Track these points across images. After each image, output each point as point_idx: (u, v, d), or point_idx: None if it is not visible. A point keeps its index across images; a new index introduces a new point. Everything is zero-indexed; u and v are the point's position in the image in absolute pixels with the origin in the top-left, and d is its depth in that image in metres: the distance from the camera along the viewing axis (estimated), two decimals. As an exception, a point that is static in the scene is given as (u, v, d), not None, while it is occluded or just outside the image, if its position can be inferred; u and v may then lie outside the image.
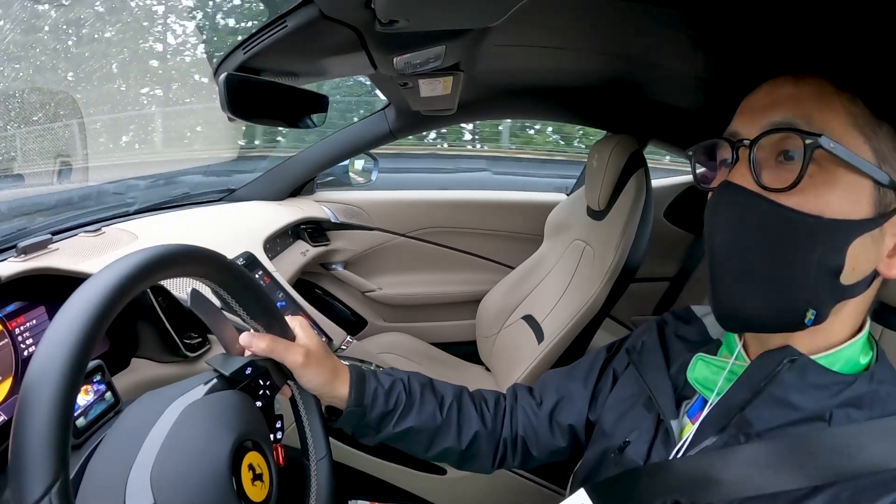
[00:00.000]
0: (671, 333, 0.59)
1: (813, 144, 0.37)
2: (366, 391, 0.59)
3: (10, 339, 0.63)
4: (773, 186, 0.39)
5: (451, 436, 0.62)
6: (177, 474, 0.38)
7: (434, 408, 0.62)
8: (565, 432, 0.65)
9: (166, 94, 2.47)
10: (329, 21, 0.57)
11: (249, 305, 0.51)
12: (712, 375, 0.49)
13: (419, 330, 1.76)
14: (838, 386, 0.41)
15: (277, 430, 0.55)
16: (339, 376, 0.58)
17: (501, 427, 0.66)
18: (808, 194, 0.39)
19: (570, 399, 0.65)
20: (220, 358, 0.51)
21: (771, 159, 0.41)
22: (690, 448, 0.47)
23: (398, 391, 0.61)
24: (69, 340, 0.31)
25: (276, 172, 1.63)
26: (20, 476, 0.28)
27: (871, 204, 0.39)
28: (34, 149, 1.24)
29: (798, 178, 0.38)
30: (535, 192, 1.89)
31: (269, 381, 0.53)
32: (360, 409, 0.58)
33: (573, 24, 0.73)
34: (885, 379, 0.42)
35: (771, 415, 0.43)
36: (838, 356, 0.43)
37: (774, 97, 0.42)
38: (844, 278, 0.40)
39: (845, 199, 0.39)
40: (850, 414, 0.40)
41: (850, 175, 0.38)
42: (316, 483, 0.55)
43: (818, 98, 0.40)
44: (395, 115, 1.46)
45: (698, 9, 0.58)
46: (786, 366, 0.43)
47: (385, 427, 0.60)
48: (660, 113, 1.16)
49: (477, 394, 0.68)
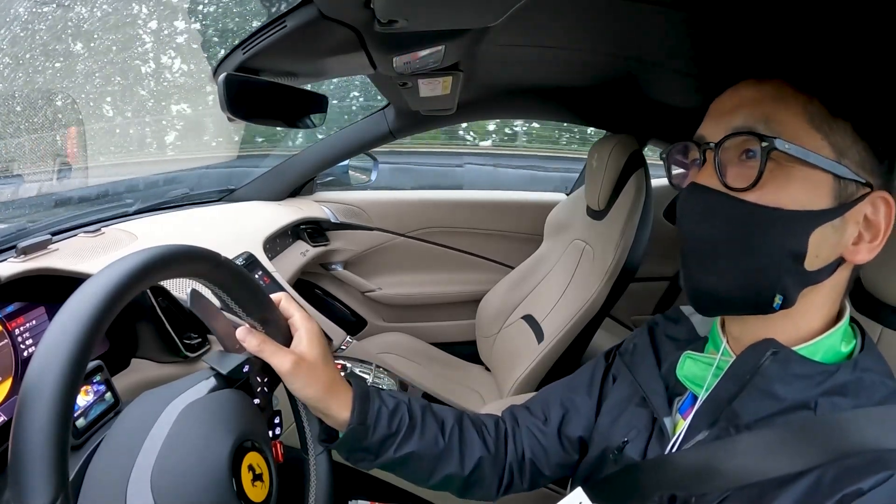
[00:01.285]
0: (661, 334, 0.61)
1: (769, 147, 0.41)
2: (370, 410, 0.55)
3: (9, 340, 0.63)
4: (736, 186, 0.43)
5: (453, 462, 0.60)
6: (177, 476, 0.38)
7: (436, 432, 0.59)
8: (575, 445, 0.64)
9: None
10: (328, 21, 0.57)
11: (245, 303, 0.50)
12: (700, 372, 0.50)
13: (419, 330, 1.76)
14: (821, 375, 0.43)
15: (276, 426, 0.54)
16: (336, 393, 0.54)
17: (505, 452, 0.64)
18: (768, 190, 0.42)
19: (576, 411, 0.64)
20: (217, 356, 0.51)
21: (735, 158, 0.44)
22: (684, 443, 0.48)
23: (402, 412, 0.58)
24: (69, 341, 0.31)
25: (276, 172, 1.63)
26: (20, 488, 0.28)
27: (830, 196, 0.42)
28: (34, 149, 1.24)
29: (757, 178, 0.42)
30: (535, 191, 1.89)
31: (267, 377, 0.53)
32: (364, 428, 0.54)
33: (572, 24, 0.73)
34: (868, 367, 0.43)
35: (758, 406, 0.44)
36: (819, 346, 0.45)
37: (738, 100, 0.45)
38: (808, 264, 0.43)
39: (804, 193, 0.42)
40: (835, 402, 0.42)
41: (808, 170, 0.41)
42: (315, 478, 0.54)
43: (777, 100, 0.43)
44: (394, 115, 1.46)
45: (698, 9, 0.59)
46: (769, 358, 0.44)
47: (386, 451, 0.56)
48: (660, 113, 1.16)
49: (476, 417, 0.66)
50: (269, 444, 0.47)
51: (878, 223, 0.43)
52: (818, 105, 0.42)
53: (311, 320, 0.55)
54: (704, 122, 0.48)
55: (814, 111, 0.42)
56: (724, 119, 0.45)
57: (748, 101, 0.44)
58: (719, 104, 0.47)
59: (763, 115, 0.43)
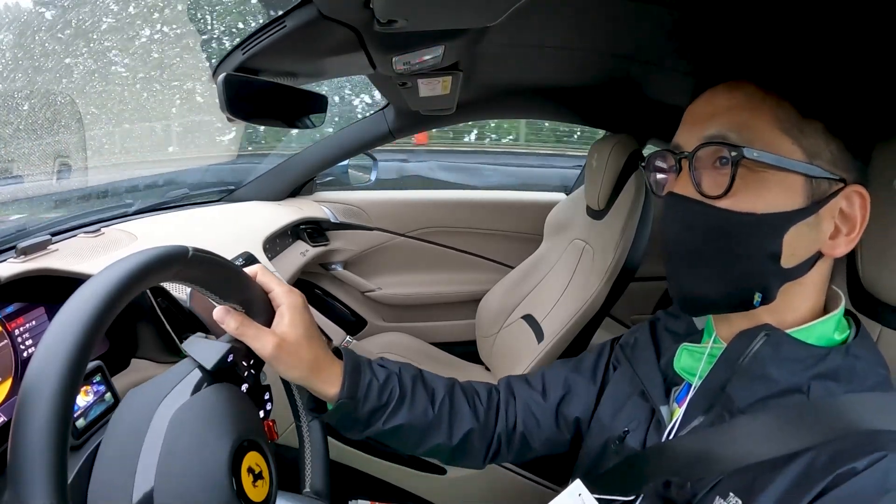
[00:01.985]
0: (662, 328, 0.62)
1: (738, 156, 0.42)
2: (360, 383, 0.56)
3: (9, 340, 0.63)
4: (710, 193, 0.44)
5: (441, 432, 0.61)
6: (179, 484, 0.38)
7: (426, 403, 0.60)
8: (570, 425, 0.65)
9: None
10: (328, 21, 0.57)
11: (220, 288, 0.46)
12: (695, 362, 0.52)
13: (419, 330, 1.76)
14: (812, 359, 0.44)
15: (266, 402, 0.52)
16: (321, 370, 0.54)
17: (495, 422, 0.65)
18: (741, 196, 0.43)
19: (576, 393, 0.66)
20: (199, 344, 0.48)
21: (710, 166, 0.45)
22: (680, 430, 0.50)
23: (392, 385, 0.58)
24: (68, 341, 0.31)
25: (276, 172, 1.63)
26: (20, 489, 0.28)
27: (803, 195, 0.43)
28: (34, 149, 1.24)
29: (728, 186, 0.43)
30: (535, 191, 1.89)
31: (252, 359, 0.51)
32: (353, 402, 0.55)
33: (572, 23, 0.73)
34: (861, 355, 0.44)
35: (751, 389, 0.45)
36: (811, 331, 0.46)
37: (711, 108, 0.46)
38: (785, 262, 0.44)
39: (776, 195, 0.43)
40: (827, 386, 0.43)
41: (779, 174, 0.43)
42: (309, 443, 0.54)
43: (748, 107, 0.44)
44: (394, 115, 1.46)
45: (698, 9, 0.59)
46: (762, 339, 0.45)
47: (375, 422, 0.57)
48: (659, 112, 1.16)
49: (468, 386, 0.66)
50: (266, 440, 0.47)
51: (854, 216, 0.44)
52: (788, 108, 0.43)
53: (292, 293, 0.53)
54: (680, 130, 0.49)
55: (783, 116, 0.43)
56: (698, 127, 0.46)
57: (721, 108, 0.45)
58: (693, 111, 0.48)
59: (735, 123, 0.44)
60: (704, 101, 0.48)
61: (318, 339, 0.54)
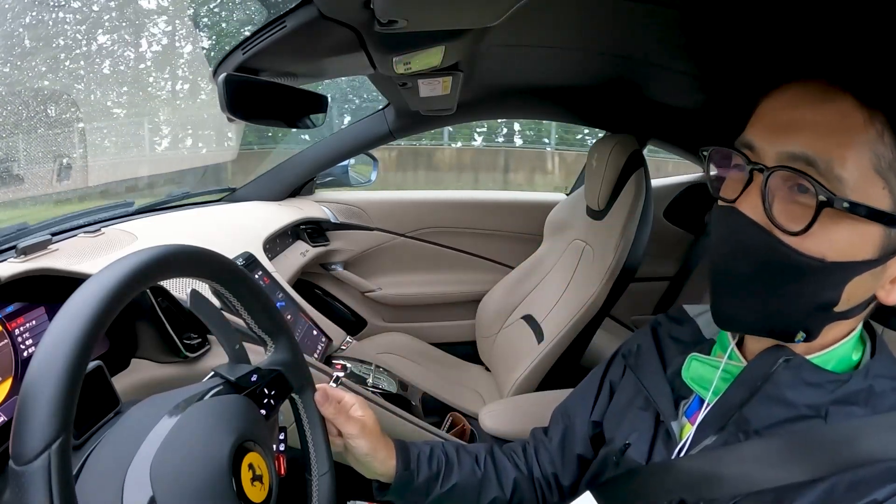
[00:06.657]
0: (665, 335, 0.60)
1: (826, 203, 0.37)
2: (410, 456, 0.62)
3: (9, 340, 0.63)
4: (781, 225, 0.39)
5: (493, 486, 0.64)
6: (176, 470, 0.37)
7: (471, 464, 0.65)
8: (575, 461, 0.65)
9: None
10: (328, 21, 0.57)
11: (256, 314, 0.51)
12: (707, 374, 0.50)
13: (419, 330, 1.76)
14: (832, 384, 0.42)
15: (280, 442, 0.56)
16: (385, 449, 0.61)
17: (531, 469, 0.67)
18: (815, 238, 0.38)
19: (572, 429, 0.66)
20: (227, 367, 0.51)
21: (784, 187, 0.40)
22: (692, 447, 0.48)
23: (438, 454, 0.64)
24: (69, 341, 0.31)
25: (276, 173, 1.63)
26: (22, 490, 0.28)
27: (877, 247, 0.39)
28: (34, 149, 1.24)
29: (807, 227, 0.38)
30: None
31: (275, 390, 0.53)
32: (409, 473, 0.61)
33: (572, 24, 0.73)
34: (879, 373, 0.43)
35: (768, 412, 0.44)
36: (831, 355, 0.44)
37: (795, 115, 0.40)
38: (839, 308, 0.41)
39: (851, 244, 0.39)
40: (847, 411, 0.41)
41: (861, 222, 0.38)
42: (317, 499, 0.55)
43: (842, 131, 0.38)
44: (394, 115, 1.46)
45: (698, 9, 0.59)
46: (781, 365, 0.44)
47: (433, 489, 0.62)
48: (659, 113, 1.17)
49: (505, 447, 0.70)
50: (272, 448, 0.47)
51: None
52: (889, 143, 0.37)
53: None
54: (755, 127, 0.43)
55: (882, 153, 0.37)
56: (779, 137, 0.40)
57: (808, 123, 0.39)
58: (773, 111, 0.42)
59: (824, 150, 0.38)
60: (788, 102, 0.41)
61: (379, 428, 0.63)
